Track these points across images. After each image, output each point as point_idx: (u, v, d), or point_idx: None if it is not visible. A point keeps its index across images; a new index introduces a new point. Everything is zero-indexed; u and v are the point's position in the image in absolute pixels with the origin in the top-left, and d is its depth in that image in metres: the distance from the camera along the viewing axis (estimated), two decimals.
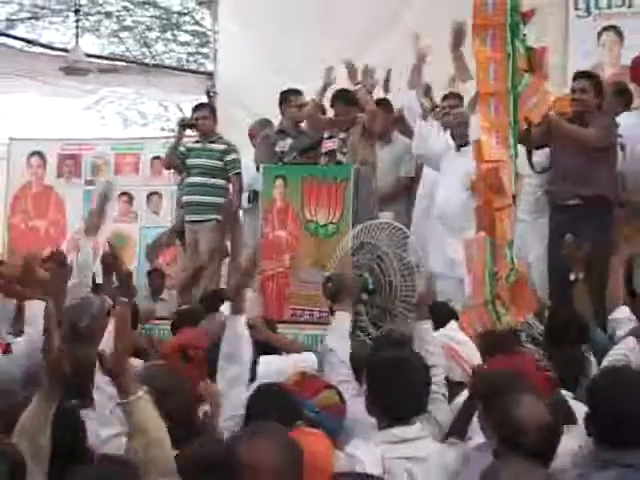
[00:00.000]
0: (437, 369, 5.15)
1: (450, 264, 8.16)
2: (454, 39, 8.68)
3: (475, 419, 4.69)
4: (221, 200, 9.79)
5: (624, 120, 8.24)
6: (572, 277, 6.84)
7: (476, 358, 5.70)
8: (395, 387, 4.54)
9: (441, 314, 6.74)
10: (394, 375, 4.60)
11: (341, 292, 6.14)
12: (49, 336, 4.04)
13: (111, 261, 5.41)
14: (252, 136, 10.29)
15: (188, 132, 10.24)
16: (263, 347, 6.02)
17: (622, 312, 6.30)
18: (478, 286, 6.66)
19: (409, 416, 4.48)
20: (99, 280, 7.41)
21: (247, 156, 10.04)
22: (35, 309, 6.30)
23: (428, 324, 5.65)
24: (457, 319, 6.40)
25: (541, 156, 8.11)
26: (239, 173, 9.80)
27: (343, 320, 5.86)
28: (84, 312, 6.29)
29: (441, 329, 6.12)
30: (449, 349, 5.86)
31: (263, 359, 5.78)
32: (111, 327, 4.19)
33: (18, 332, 6.59)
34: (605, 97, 8.12)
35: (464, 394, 5.04)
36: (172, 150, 10.10)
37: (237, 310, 5.28)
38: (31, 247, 11.53)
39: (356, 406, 5.04)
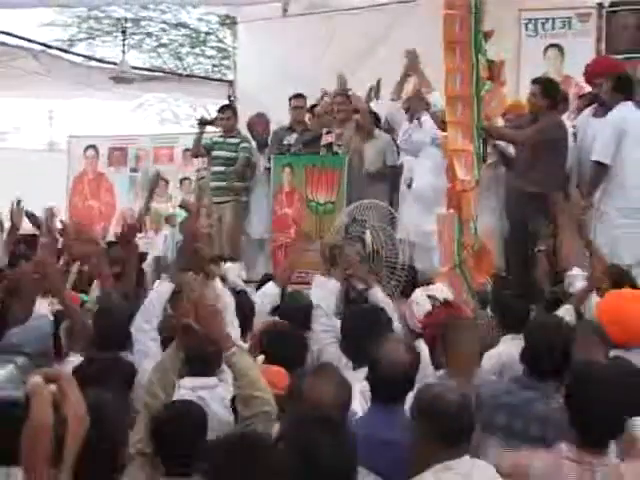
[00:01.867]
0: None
1: (423, 235, 8.07)
2: (410, 65, 8.70)
3: None
4: (239, 184, 9.77)
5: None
6: (536, 249, 6.82)
7: None
8: (368, 333, 4.54)
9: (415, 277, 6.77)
10: (368, 324, 4.67)
11: (335, 260, 6.10)
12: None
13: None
14: (250, 127, 10.19)
15: (210, 128, 10.22)
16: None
17: (577, 270, 6.23)
18: (447, 254, 6.60)
19: None
20: None
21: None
22: None
23: (376, 289, 5.81)
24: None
25: None
26: (246, 156, 9.74)
27: (334, 285, 5.82)
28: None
29: (422, 287, 6.07)
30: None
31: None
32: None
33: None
34: (556, 97, 8.00)
35: None
36: (196, 142, 10.19)
37: None
38: (87, 222, 11.54)
39: (333, 349, 5.12)
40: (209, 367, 4.33)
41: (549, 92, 7.88)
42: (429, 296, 5.79)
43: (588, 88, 8.57)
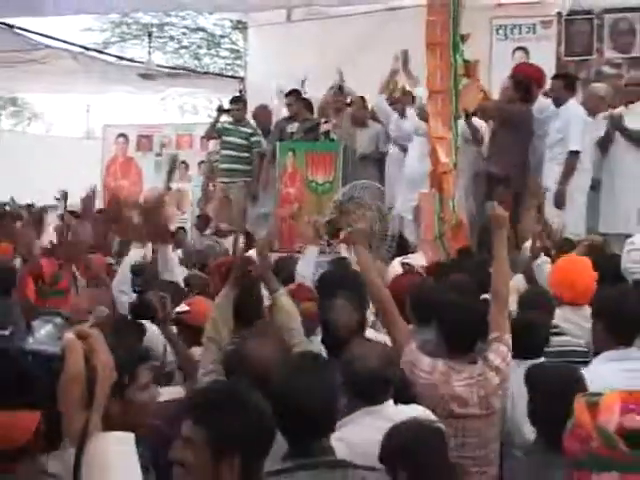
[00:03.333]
0: None
1: (411, 210, 8.03)
2: (403, 63, 8.62)
3: None
4: (246, 167, 9.74)
5: None
6: None
7: None
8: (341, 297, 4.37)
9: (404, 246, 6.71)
10: (340, 288, 4.43)
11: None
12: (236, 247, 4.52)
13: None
14: (254, 116, 10.19)
15: (223, 118, 10.16)
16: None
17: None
18: (429, 227, 6.59)
19: None
20: None
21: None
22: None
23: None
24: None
25: None
26: (258, 151, 9.72)
27: (312, 252, 5.81)
28: None
29: (403, 256, 6.01)
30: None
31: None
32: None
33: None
34: (527, 92, 7.95)
35: None
36: (211, 127, 10.22)
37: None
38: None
39: None
40: None
41: (520, 86, 7.86)
42: (404, 263, 5.73)
43: None
